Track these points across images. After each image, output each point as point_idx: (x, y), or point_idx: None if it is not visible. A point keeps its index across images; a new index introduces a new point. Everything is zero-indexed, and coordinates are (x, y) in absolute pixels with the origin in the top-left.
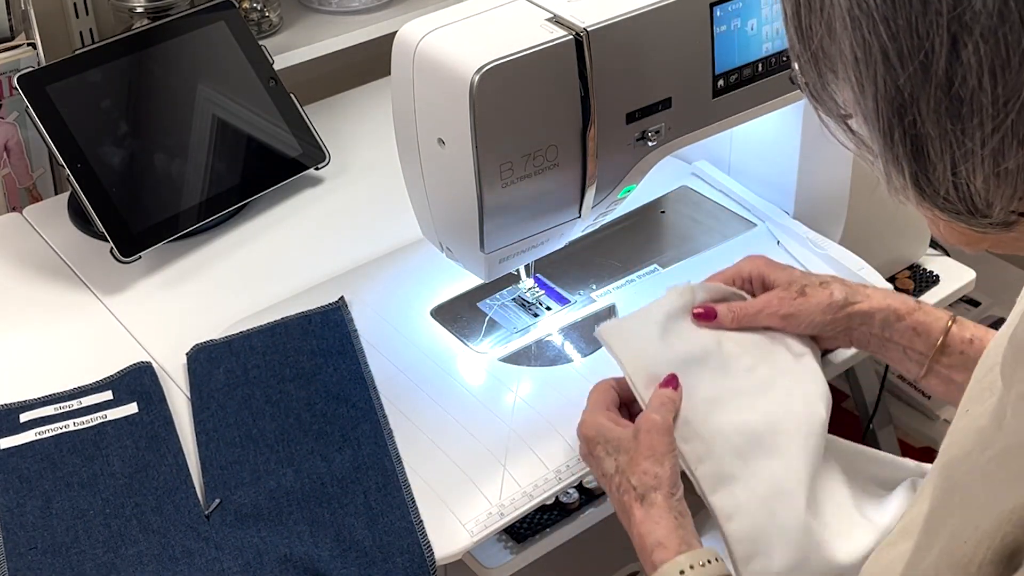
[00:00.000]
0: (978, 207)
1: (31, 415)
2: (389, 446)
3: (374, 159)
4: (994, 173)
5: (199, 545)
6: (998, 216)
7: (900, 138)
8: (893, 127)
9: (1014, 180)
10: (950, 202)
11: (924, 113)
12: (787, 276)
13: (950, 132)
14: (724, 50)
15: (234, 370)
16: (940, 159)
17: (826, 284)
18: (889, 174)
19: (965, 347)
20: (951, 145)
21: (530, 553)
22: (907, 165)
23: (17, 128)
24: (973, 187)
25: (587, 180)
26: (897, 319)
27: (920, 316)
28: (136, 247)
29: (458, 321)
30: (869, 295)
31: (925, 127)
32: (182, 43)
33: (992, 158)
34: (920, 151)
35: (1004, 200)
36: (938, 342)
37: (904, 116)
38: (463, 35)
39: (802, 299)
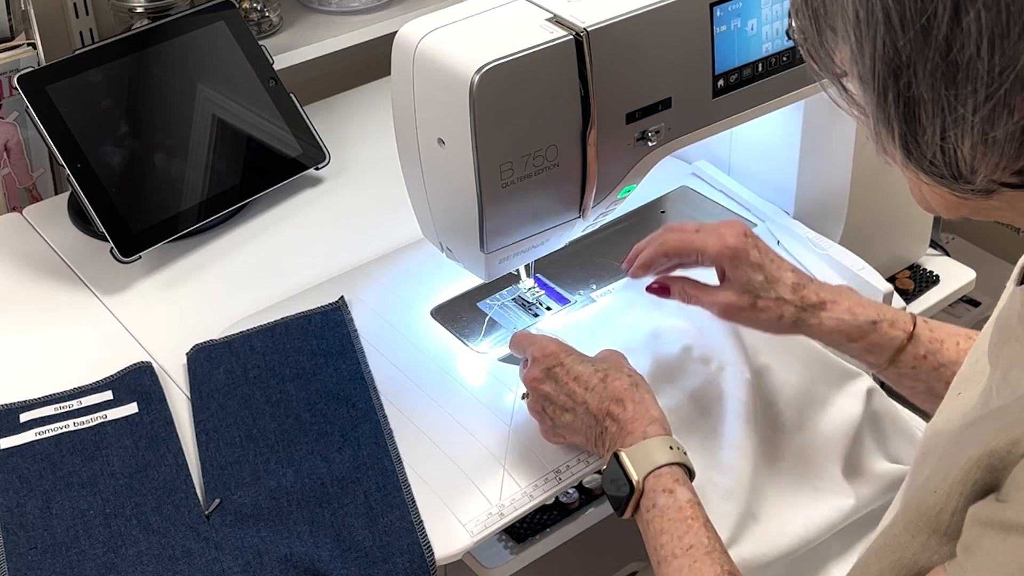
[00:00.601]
0: (962, 173)
1: (31, 415)
2: (389, 446)
3: (374, 159)
4: (982, 140)
5: (199, 545)
6: (980, 183)
7: (894, 99)
8: (888, 88)
9: (1000, 149)
10: (936, 166)
11: (920, 77)
12: (746, 279)
13: (943, 97)
14: (724, 50)
15: (234, 370)
16: (931, 123)
17: (780, 302)
18: (879, 133)
19: (918, 362)
20: (943, 110)
21: (530, 553)
22: (897, 126)
23: (17, 128)
24: (960, 153)
25: (587, 180)
26: (848, 341)
27: (874, 338)
28: (136, 247)
29: (458, 321)
30: (823, 318)
31: (920, 90)
32: (182, 43)
33: (982, 126)
34: (912, 114)
35: (988, 168)
36: (888, 357)
37: (900, 78)
38: (463, 35)
39: (751, 313)
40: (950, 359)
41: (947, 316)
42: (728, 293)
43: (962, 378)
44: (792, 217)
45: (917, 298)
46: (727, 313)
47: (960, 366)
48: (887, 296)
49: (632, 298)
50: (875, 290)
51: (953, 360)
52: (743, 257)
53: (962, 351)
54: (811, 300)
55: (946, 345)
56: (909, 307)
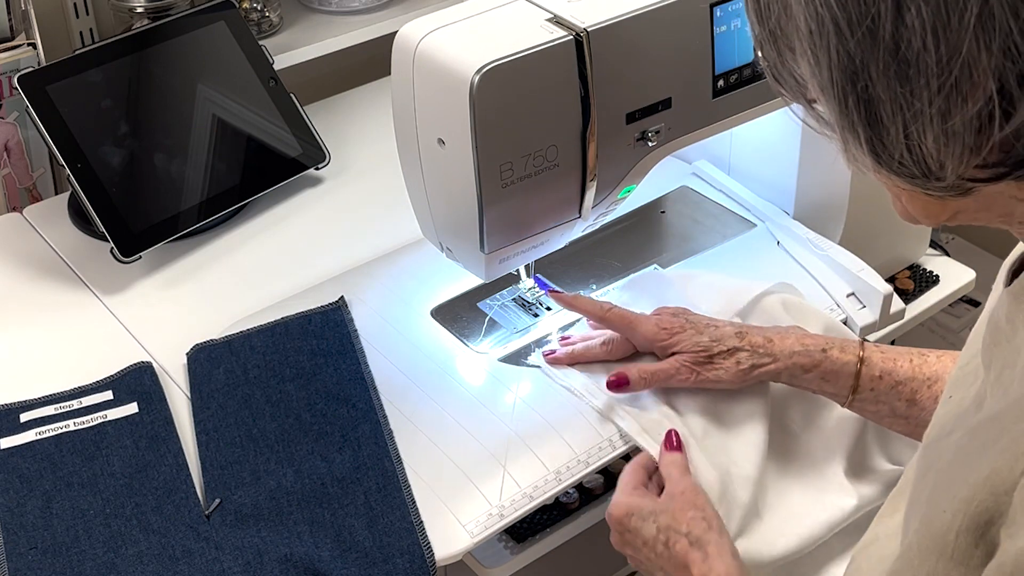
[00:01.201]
0: (931, 169)
1: (31, 415)
2: (389, 446)
3: (374, 159)
4: (943, 132)
5: (199, 545)
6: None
7: (854, 104)
8: (847, 94)
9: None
10: (905, 166)
11: (875, 77)
12: (692, 344)
13: (900, 95)
14: (724, 50)
15: (234, 370)
16: (892, 122)
17: (734, 351)
18: (846, 141)
19: (875, 384)
20: (901, 108)
21: (530, 553)
22: (862, 131)
23: (17, 128)
24: (925, 148)
25: (587, 180)
26: (804, 372)
27: (827, 366)
28: (136, 247)
29: (458, 321)
30: (776, 355)
31: (876, 91)
32: (182, 43)
33: (940, 116)
34: (873, 116)
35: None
36: (848, 385)
37: (856, 82)
38: (463, 35)
39: (710, 367)
40: (906, 376)
41: (947, 316)
42: (683, 356)
43: (953, 382)
44: (792, 217)
45: (917, 298)
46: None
47: (917, 381)
48: (887, 297)
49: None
50: (875, 291)
51: (909, 376)
52: (680, 331)
53: (916, 367)
54: (758, 342)
55: (899, 363)
56: (909, 307)
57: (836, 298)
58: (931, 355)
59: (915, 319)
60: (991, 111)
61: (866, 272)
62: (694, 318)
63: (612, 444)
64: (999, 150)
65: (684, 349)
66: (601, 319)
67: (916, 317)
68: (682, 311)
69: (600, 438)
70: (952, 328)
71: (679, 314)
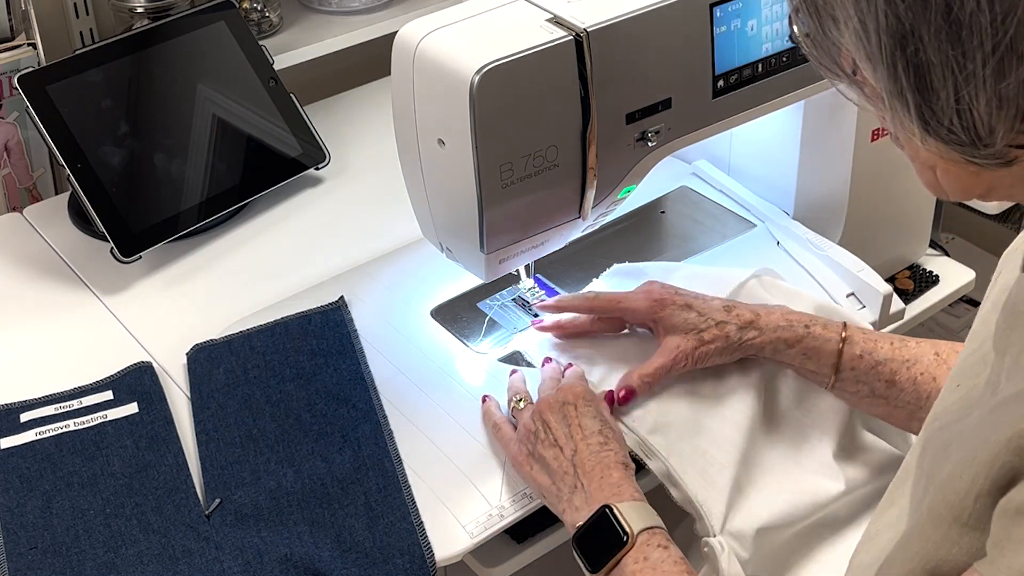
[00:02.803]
0: (981, 135)
1: (31, 415)
2: (389, 447)
3: (374, 159)
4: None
5: (199, 545)
6: (1000, 144)
7: (904, 70)
8: (896, 60)
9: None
10: (954, 132)
11: (926, 40)
12: (682, 320)
13: (951, 57)
14: (724, 50)
15: (234, 370)
16: (943, 86)
17: (722, 325)
18: (894, 109)
19: (855, 363)
20: (953, 71)
21: (530, 553)
22: (911, 97)
23: (17, 128)
24: (976, 112)
25: (587, 180)
26: (787, 347)
27: (809, 342)
28: (136, 247)
29: (458, 321)
30: (761, 328)
31: (927, 54)
32: (182, 43)
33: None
34: (923, 81)
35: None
36: (830, 363)
37: (907, 47)
38: (463, 35)
39: (703, 348)
40: (886, 356)
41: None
42: (674, 339)
43: (958, 371)
44: (792, 218)
45: (917, 298)
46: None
47: (896, 362)
48: (886, 297)
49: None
50: (875, 291)
51: (889, 358)
52: (670, 303)
53: (896, 349)
54: (746, 317)
55: (880, 344)
56: (909, 307)
57: (836, 298)
58: (911, 341)
59: (915, 319)
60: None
61: (866, 272)
62: (682, 291)
63: None
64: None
65: (675, 325)
66: (590, 309)
67: (916, 317)
68: (670, 285)
69: None
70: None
71: (667, 286)
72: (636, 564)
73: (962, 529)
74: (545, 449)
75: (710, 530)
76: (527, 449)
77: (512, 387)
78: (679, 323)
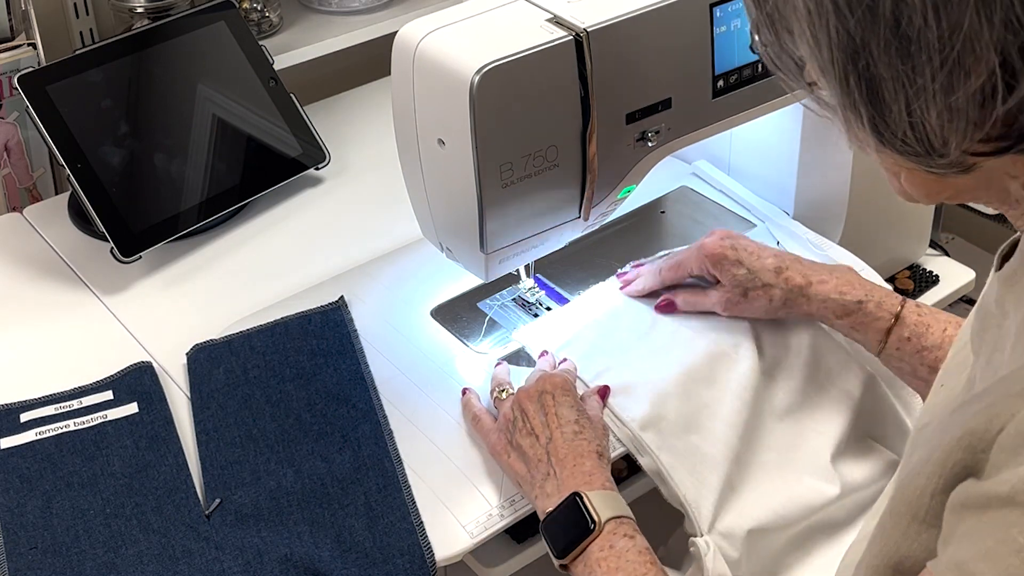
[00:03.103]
0: (935, 146)
1: (31, 415)
2: (389, 447)
3: (374, 159)
4: (946, 108)
5: (199, 545)
6: (954, 155)
7: (856, 83)
8: (848, 73)
9: (964, 114)
10: (908, 144)
11: (876, 55)
12: (731, 276)
13: (901, 72)
14: (724, 50)
15: (234, 370)
16: (895, 99)
17: (768, 288)
18: (848, 121)
19: (901, 344)
20: (904, 85)
21: (530, 553)
22: (864, 110)
23: (17, 128)
24: (928, 125)
25: (587, 180)
26: (836, 318)
27: (859, 318)
28: (136, 247)
29: (458, 321)
30: (810, 297)
31: (878, 69)
32: (182, 43)
33: (943, 92)
34: (875, 94)
35: (958, 136)
36: (876, 340)
37: (858, 61)
38: (463, 35)
39: (743, 303)
40: (934, 343)
41: None
42: (721, 291)
43: (945, 372)
44: (792, 217)
45: (917, 298)
46: (726, 308)
47: (944, 350)
48: None
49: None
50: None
51: (936, 344)
52: (722, 258)
53: (948, 336)
54: (796, 281)
55: (932, 329)
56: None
57: None
58: None
59: None
60: (994, 85)
61: (866, 272)
62: (740, 243)
63: (612, 445)
64: (1002, 123)
65: (724, 280)
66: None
67: None
68: (731, 235)
69: None
70: None
71: (726, 238)
72: (601, 552)
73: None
74: (522, 437)
75: (697, 529)
76: (506, 438)
77: (495, 378)
78: (728, 279)
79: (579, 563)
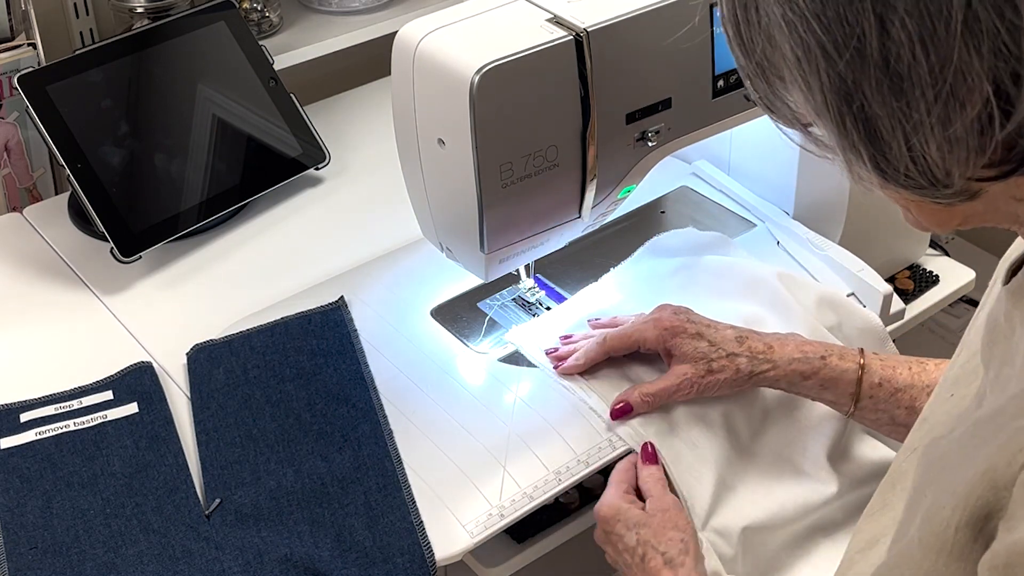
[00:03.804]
0: (938, 178)
1: (31, 415)
2: (389, 446)
3: (374, 159)
4: (945, 140)
5: (199, 545)
6: (959, 184)
7: (852, 125)
8: (844, 115)
9: (964, 143)
10: (911, 178)
11: (869, 95)
12: (692, 349)
13: (896, 109)
14: (724, 50)
15: (234, 370)
16: (893, 136)
17: (733, 357)
18: (850, 162)
19: (874, 391)
20: (900, 121)
21: (530, 553)
22: (864, 149)
23: (17, 128)
24: (929, 158)
25: (587, 180)
26: (803, 379)
27: (826, 373)
28: (136, 247)
29: (458, 321)
30: (775, 361)
31: (873, 108)
32: (182, 43)
33: (940, 124)
34: (873, 133)
35: (960, 166)
36: (848, 393)
37: (852, 102)
38: (463, 35)
39: (710, 377)
40: (905, 383)
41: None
42: (683, 368)
43: (952, 380)
44: (792, 217)
45: (917, 298)
46: (692, 387)
47: (917, 388)
48: (887, 297)
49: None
50: (875, 291)
51: (909, 384)
52: (682, 331)
53: (915, 374)
54: (758, 348)
55: (898, 371)
56: (909, 307)
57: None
58: (929, 363)
59: (915, 319)
60: (990, 112)
61: (866, 272)
62: (695, 318)
63: (612, 444)
64: (1003, 148)
65: (685, 354)
66: (606, 353)
67: (916, 317)
68: (684, 310)
69: (600, 438)
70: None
71: (680, 312)
72: None
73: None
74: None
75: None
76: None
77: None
78: (689, 352)
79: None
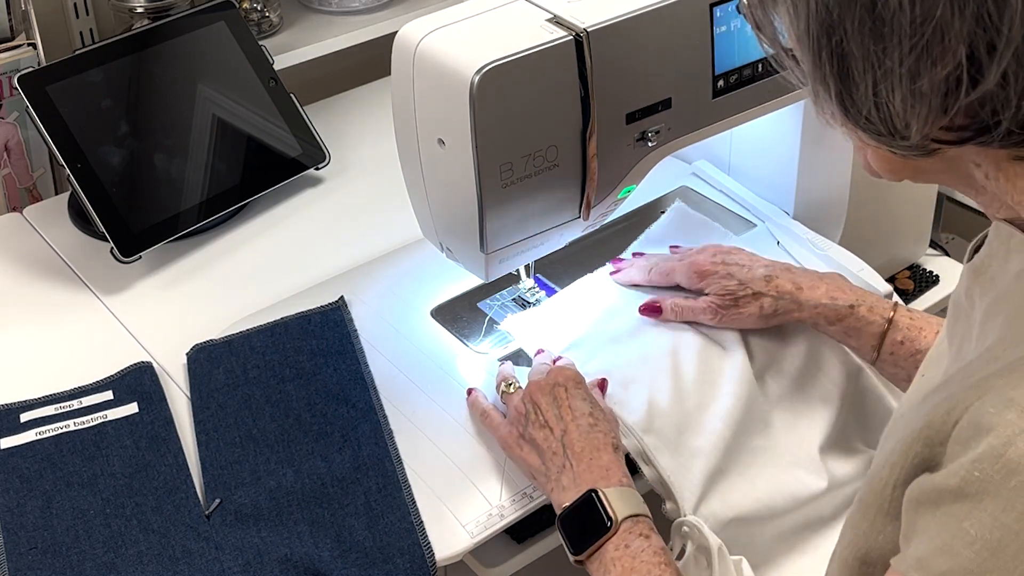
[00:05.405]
0: (897, 128)
1: (31, 415)
2: (389, 446)
3: (374, 159)
4: (911, 93)
5: (199, 545)
6: (916, 139)
7: (828, 58)
8: (821, 47)
9: (928, 101)
10: (872, 123)
11: (849, 32)
12: (721, 288)
13: (872, 52)
14: (724, 50)
15: (234, 370)
16: (863, 78)
17: (759, 295)
18: (817, 93)
19: (895, 348)
20: (873, 65)
21: (530, 553)
22: (833, 84)
23: (17, 128)
24: (892, 107)
25: (587, 180)
26: (828, 324)
27: (851, 322)
28: (136, 247)
29: (458, 321)
30: (801, 303)
31: (850, 46)
32: (182, 43)
33: (909, 76)
34: (845, 71)
35: (919, 121)
36: (871, 345)
37: (832, 36)
38: (463, 35)
39: (735, 310)
40: (928, 346)
41: None
42: (711, 298)
43: (928, 361)
44: (792, 217)
45: (917, 298)
46: (715, 315)
47: None
48: (887, 297)
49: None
50: (875, 291)
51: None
52: (711, 273)
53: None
54: (786, 288)
55: (924, 332)
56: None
57: None
58: None
59: None
60: (959, 76)
61: (866, 272)
62: (731, 258)
63: None
64: (964, 115)
65: (713, 292)
66: (648, 282)
67: None
68: (725, 250)
69: None
70: None
71: (719, 253)
72: (617, 551)
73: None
74: (535, 430)
75: (681, 511)
76: (517, 431)
77: (501, 374)
78: (718, 290)
79: (594, 561)
